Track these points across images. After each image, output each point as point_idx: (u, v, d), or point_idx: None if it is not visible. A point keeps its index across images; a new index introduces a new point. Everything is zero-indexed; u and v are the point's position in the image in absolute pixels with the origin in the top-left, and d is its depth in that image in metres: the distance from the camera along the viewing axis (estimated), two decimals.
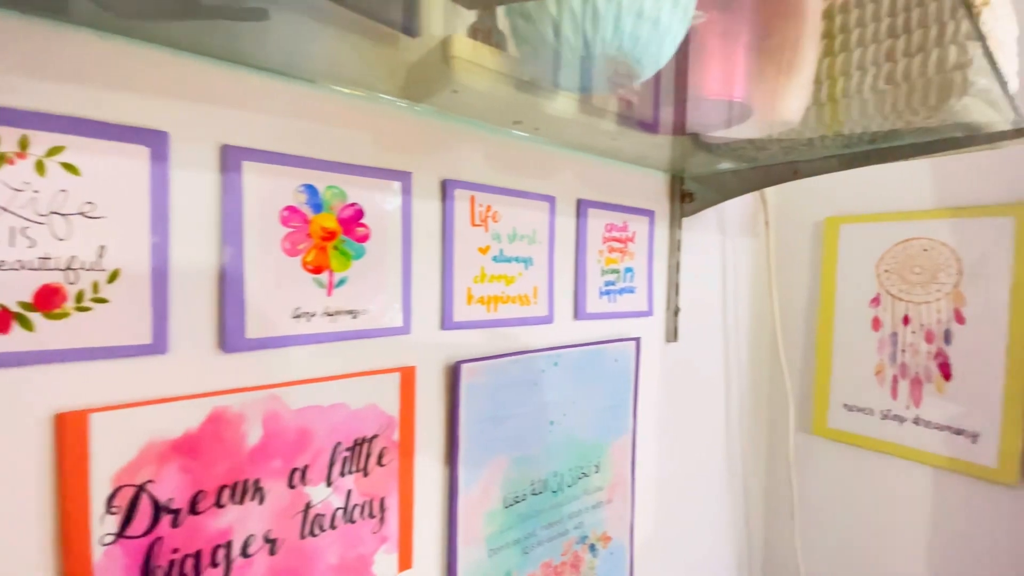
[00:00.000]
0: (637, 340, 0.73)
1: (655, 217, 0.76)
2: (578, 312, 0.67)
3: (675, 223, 0.79)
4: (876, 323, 0.87)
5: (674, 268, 0.79)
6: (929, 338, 0.81)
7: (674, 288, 0.79)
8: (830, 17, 0.51)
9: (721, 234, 0.90)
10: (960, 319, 0.78)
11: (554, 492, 0.65)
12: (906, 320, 0.84)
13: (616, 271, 0.72)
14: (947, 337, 0.80)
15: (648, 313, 0.77)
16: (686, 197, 0.78)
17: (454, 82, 0.41)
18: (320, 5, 0.35)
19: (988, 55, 0.39)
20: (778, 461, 1.03)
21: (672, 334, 0.80)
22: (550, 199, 0.63)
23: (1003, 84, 0.42)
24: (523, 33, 0.38)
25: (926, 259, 0.82)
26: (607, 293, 0.71)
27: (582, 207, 0.67)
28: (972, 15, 0.36)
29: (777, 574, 1.05)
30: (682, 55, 0.48)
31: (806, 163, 0.64)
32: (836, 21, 0.51)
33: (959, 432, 0.79)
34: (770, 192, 1.00)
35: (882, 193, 0.87)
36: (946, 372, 0.80)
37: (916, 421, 0.83)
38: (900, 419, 0.85)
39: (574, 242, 0.67)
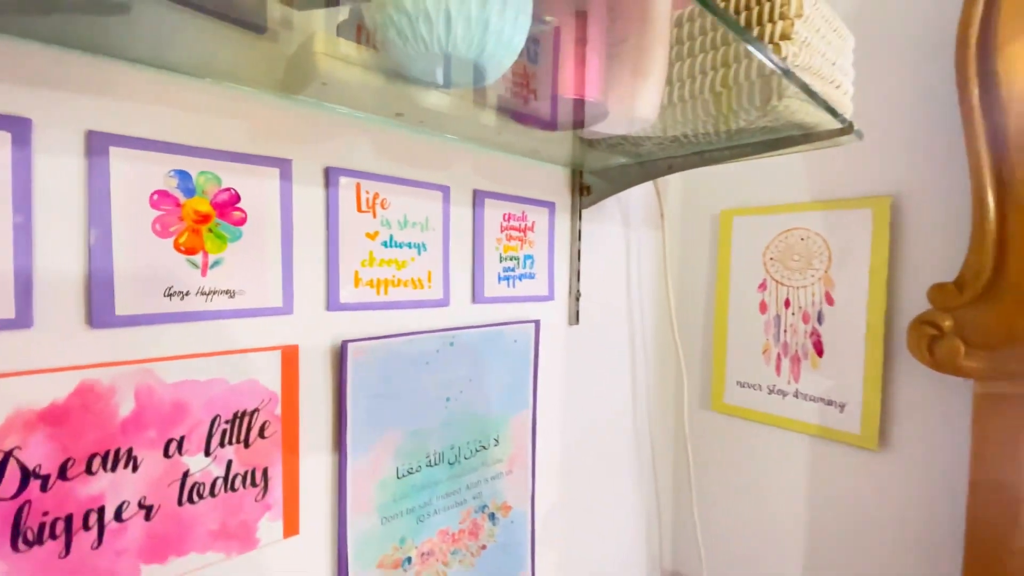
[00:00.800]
0: (536, 322, 0.78)
1: (555, 208, 0.81)
2: (476, 296, 0.71)
3: (575, 214, 0.84)
4: (763, 306, 0.95)
5: (575, 256, 0.85)
6: (805, 319, 0.90)
7: (575, 274, 0.85)
8: (679, 25, 0.57)
9: (624, 225, 0.96)
10: (830, 301, 0.87)
11: (451, 464, 0.69)
12: (787, 303, 0.92)
13: (515, 258, 0.76)
14: (820, 318, 0.88)
15: (549, 297, 0.82)
16: (584, 190, 0.83)
17: (320, 75, 0.44)
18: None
19: (763, 54, 0.44)
20: (681, 437, 1.11)
21: (574, 317, 0.86)
22: (444, 188, 0.67)
23: (803, 87, 0.48)
24: (371, 27, 0.42)
25: (803, 247, 0.90)
26: (506, 279, 0.75)
27: (478, 197, 0.71)
28: (744, 31, 0.42)
29: (683, 542, 1.13)
30: (542, 57, 0.53)
31: (678, 159, 0.70)
32: (684, 29, 0.56)
33: (830, 403, 0.87)
34: (672, 185, 1.07)
35: (769, 187, 0.95)
36: (819, 349, 0.88)
37: (796, 395, 0.92)
38: (783, 393, 0.93)
39: (471, 230, 0.71)
